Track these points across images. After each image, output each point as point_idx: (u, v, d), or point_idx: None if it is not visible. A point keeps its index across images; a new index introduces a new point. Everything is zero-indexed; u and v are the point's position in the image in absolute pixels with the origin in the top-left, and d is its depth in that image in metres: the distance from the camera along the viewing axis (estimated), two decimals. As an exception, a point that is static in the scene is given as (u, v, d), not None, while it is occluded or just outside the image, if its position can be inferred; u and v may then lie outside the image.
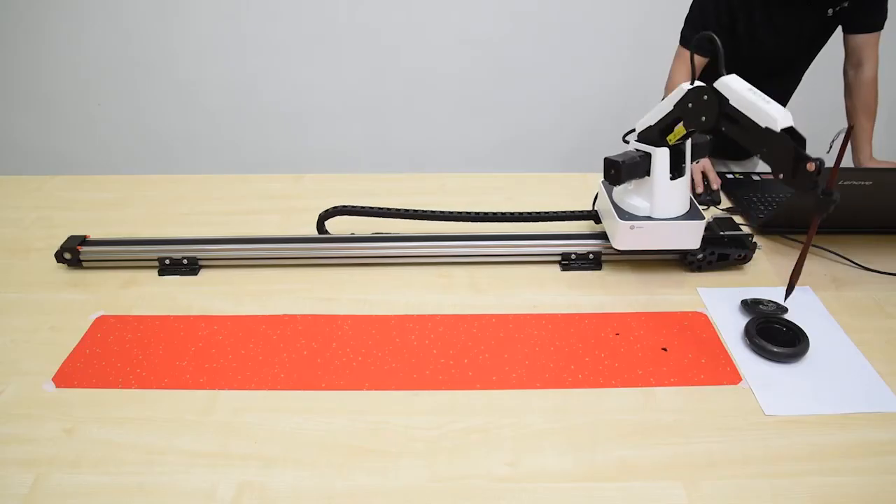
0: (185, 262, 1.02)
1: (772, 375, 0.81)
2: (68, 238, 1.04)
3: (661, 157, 0.93)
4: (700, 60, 1.36)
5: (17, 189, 1.30)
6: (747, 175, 1.32)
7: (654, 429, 0.74)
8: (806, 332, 0.85)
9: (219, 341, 0.88)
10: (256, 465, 0.69)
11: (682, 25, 1.43)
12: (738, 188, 1.26)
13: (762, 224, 1.12)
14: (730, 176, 1.32)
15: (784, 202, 1.17)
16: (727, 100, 0.83)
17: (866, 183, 0.97)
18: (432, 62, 2.35)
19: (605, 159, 0.95)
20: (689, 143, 0.95)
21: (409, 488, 0.67)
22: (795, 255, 1.06)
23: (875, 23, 1.35)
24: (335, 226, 1.13)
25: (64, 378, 0.81)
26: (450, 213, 1.07)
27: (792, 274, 0.82)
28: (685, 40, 1.42)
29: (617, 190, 1.01)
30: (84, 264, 1.03)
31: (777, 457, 0.70)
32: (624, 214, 0.97)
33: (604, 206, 1.03)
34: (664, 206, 0.96)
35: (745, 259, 1.02)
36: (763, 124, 0.79)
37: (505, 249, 1.04)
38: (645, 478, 0.68)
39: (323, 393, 0.79)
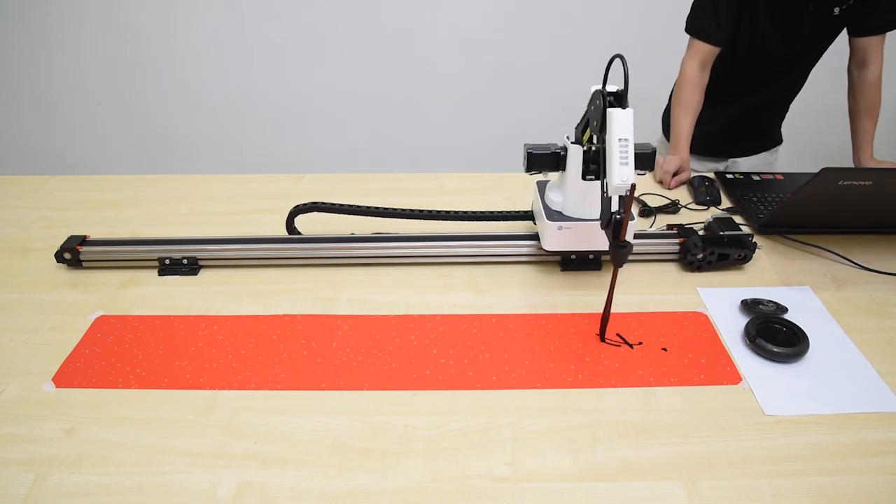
0: (185, 262, 1.02)
1: (772, 375, 0.81)
2: (68, 238, 1.04)
3: (573, 154, 0.93)
4: (709, 49, 1.35)
5: (17, 189, 1.30)
6: (747, 175, 1.32)
7: (654, 429, 0.74)
8: (806, 332, 0.85)
9: (219, 341, 0.88)
10: (256, 465, 0.69)
11: (683, 25, 1.41)
12: (738, 188, 1.26)
13: (762, 224, 1.12)
14: (729, 176, 1.32)
15: (784, 202, 1.17)
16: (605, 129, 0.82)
17: (866, 183, 0.97)
18: (432, 62, 2.35)
19: (524, 145, 0.96)
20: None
21: (409, 488, 0.67)
22: (795, 255, 1.07)
23: (881, 24, 1.33)
24: (333, 226, 1.13)
25: (64, 378, 0.81)
26: (410, 210, 1.07)
27: (602, 317, 0.87)
28: (692, 28, 1.38)
29: (548, 193, 1.00)
30: (84, 264, 1.03)
31: (777, 457, 0.70)
32: (553, 215, 0.97)
33: (536, 207, 1.04)
34: (576, 204, 0.95)
35: (745, 259, 1.02)
36: (607, 178, 0.80)
37: (505, 249, 1.03)
38: (645, 478, 0.68)
39: (323, 393, 0.79)
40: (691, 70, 1.36)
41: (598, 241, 0.96)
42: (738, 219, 1.13)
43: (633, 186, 0.77)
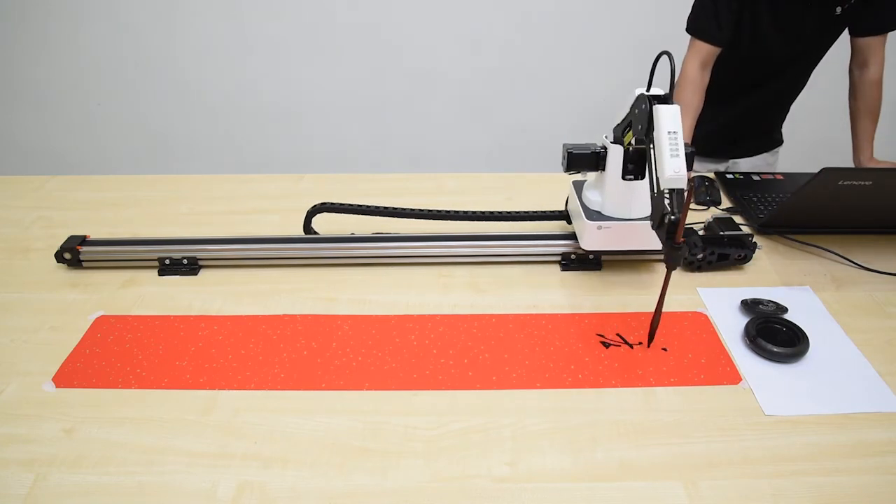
0: (185, 262, 1.02)
1: (772, 375, 0.81)
2: (68, 238, 1.04)
3: (614, 154, 0.93)
4: (710, 49, 1.35)
5: (17, 189, 1.30)
6: (747, 175, 1.32)
7: (654, 429, 0.74)
8: (806, 332, 0.85)
9: (219, 341, 0.88)
10: (256, 465, 0.69)
11: (684, 24, 1.41)
12: (738, 188, 1.26)
13: (762, 224, 1.12)
14: (729, 176, 1.32)
15: (784, 202, 1.17)
16: (653, 126, 0.82)
17: (866, 183, 0.97)
18: (432, 62, 2.35)
19: (563, 145, 0.96)
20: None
21: (409, 488, 0.67)
22: (795, 255, 1.07)
23: (882, 24, 1.33)
24: (333, 226, 1.13)
25: (64, 378, 0.81)
26: (427, 211, 1.07)
27: (651, 321, 0.85)
28: (692, 28, 1.38)
29: (586, 192, 1.00)
30: (84, 264, 1.03)
31: (777, 457, 0.70)
32: (592, 215, 0.97)
33: (573, 206, 1.03)
34: (615, 204, 0.95)
35: (745, 259, 1.02)
36: (657, 173, 0.79)
37: (505, 249, 1.03)
38: (645, 478, 0.68)
39: (323, 393, 0.79)
40: (692, 70, 1.36)
41: (637, 240, 0.96)
42: (738, 219, 1.13)
43: (692, 186, 0.75)
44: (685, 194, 0.76)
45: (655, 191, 0.80)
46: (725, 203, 1.24)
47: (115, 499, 0.66)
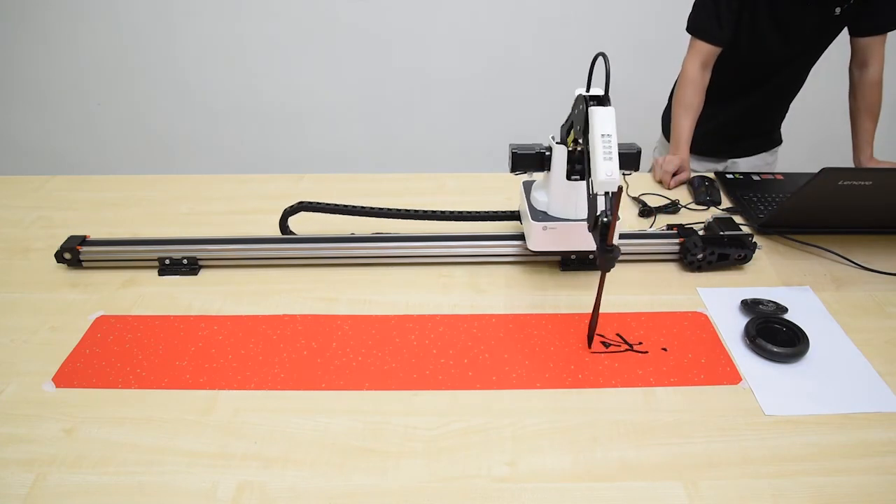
0: (185, 262, 1.02)
1: (772, 375, 0.81)
2: (68, 238, 1.04)
3: (558, 154, 0.93)
4: (711, 49, 1.35)
5: (17, 189, 1.30)
6: (747, 175, 1.32)
7: (654, 429, 0.74)
8: (806, 332, 0.85)
9: (219, 341, 0.88)
10: (256, 465, 0.69)
11: (684, 24, 1.41)
12: (738, 188, 1.26)
13: (762, 224, 1.12)
14: (729, 176, 1.32)
15: (784, 202, 1.17)
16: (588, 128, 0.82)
17: (866, 183, 0.97)
18: (432, 62, 2.35)
19: (509, 145, 0.96)
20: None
21: (409, 488, 0.67)
22: (795, 255, 1.07)
23: (882, 24, 1.33)
24: (332, 226, 1.13)
25: (64, 378, 0.81)
26: (406, 211, 1.07)
27: (589, 323, 0.84)
28: (693, 28, 1.37)
29: (533, 193, 1.00)
30: (84, 264, 1.03)
31: (777, 457, 0.70)
32: (538, 215, 0.96)
33: (522, 207, 1.03)
34: (560, 204, 0.95)
35: (745, 259, 1.02)
36: (591, 176, 0.79)
37: (505, 249, 1.03)
38: (645, 478, 0.68)
39: (323, 393, 0.79)
40: (692, 70, 1.36)
41: (584, 241, 0.96)
42: (738, 219, 1.13)
43: (621, 189, 0.75)
44: (616, 197, 0.76)
45: (590, 193, 0.80)
46: (725, 203, 1.24)
47: (115, 499, 0.66)
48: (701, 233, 1.05)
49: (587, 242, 0.95)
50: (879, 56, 1.36)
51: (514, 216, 1.10)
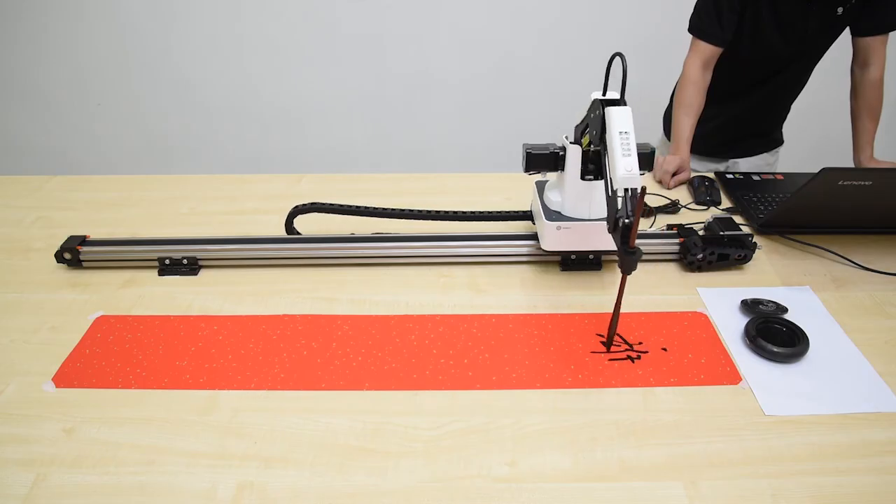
0: (185, 262, 1.02)
1: (772, 375, 0.81)
2: (68, 238, 1.04)
3: (572, 154, 0.93)
4: (712, 49, 1.35)
5: (17, 189, 1.30)
6: (747, 175, 1.32)
7: (654, 429, 0.74)
8: (806, 332, 0.85)
9: (219, 341, 0.88)
10: (256, 465, 0.69)
11: (685, 25, 1.41)
12: (738, 188, 1.26)
13: (762, 224, 1.12)
14: (729, 176, 1.32)
15: (784, 202, 1.17)
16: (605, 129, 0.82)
17: (866, 183, 0.97)
18: (432, 62, 2.35)
19: (523, 145, 0.96)
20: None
21: (410, 488, 0.67)
22: (795, 255, 1.07)
23: (883, 24, 1.33)
24: (331, 226, 1.13)
25: (64, 378, 0.81)
26: (409, 211, 1.07)
27: (609, 324, 0.84)
28: (694, 28, 1.37)
29: (547, 193, 1.00)
30: (84, 264, 1.03)
31: (777, 457, 0.70)
32: (551, 215, 0.96)
33: (535, 207, 1.03)
34: (575, 204, 0.95)
35: (745, 259, 1.02)
36: (610, 174, 0.79)
37: (505, 249, 1.03)
38: (645, 478, 0.68)
39: (323, 393, 0.79)
40: (694, 70, 1.36)
41: (597, 241, 0.96)
42: (738, 219, 1.13)
43: (644, 189, 0.73)
44: (639, 198, 0.75)
45: (610, 193, 0.80)
46: (725, 203, 1.24)
47: (115, 499, 0.66)
48: (701, 233, 1.05)
49: (601, 242, 0.95)
50: (881, 56, 1.36)
51: (516, 216, 1.10)
